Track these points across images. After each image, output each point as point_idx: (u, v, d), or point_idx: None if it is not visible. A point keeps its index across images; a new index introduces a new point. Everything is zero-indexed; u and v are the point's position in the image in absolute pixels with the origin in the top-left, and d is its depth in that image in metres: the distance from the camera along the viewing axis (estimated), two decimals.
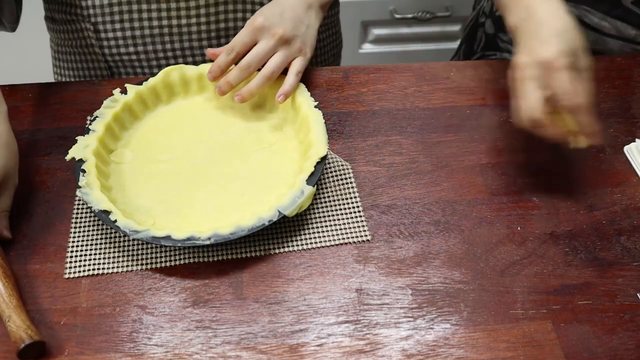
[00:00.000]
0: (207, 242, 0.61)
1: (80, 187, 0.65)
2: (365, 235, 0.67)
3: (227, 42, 0.85)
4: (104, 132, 0.71)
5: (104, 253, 0.65)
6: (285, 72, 0.75)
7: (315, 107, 0.73)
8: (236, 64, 0.75)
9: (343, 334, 0.60)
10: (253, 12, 0.83)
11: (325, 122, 0.71)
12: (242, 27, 0.83)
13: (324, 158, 0.68)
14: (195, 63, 0.80)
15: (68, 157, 0.68)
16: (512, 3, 0.69)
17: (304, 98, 0.74)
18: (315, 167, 0.67)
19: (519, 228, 0.68)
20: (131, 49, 0.86)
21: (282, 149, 0.73)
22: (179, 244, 0.62)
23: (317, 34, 0.84)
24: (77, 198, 0.69)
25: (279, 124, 0.76)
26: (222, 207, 0.68)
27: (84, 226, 0.67)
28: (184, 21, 0.82)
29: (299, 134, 0.74)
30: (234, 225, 0.63)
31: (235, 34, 0.85)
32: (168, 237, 0.62)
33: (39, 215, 0.68)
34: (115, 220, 0.62)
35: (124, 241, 0.66)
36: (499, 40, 1.03)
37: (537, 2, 0.67)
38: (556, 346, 0.59)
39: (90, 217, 0.67)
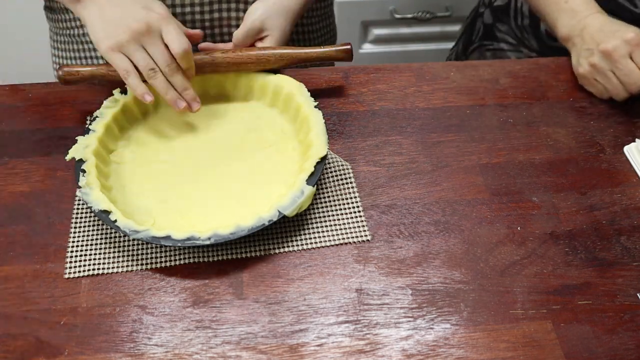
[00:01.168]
0: (207, 242, 0.61)
1: (80, 187, 0.65)
2: (365, 235, 0.67)
3: (221, 32, 0.86)
4: (104, 132, 0.71)
5: (104, 253, 0.65)
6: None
7: (315, 107, 0.73)
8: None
9: (343, 334, 0.60)
10: (246, 2, 0.83)
11: (325, 122, 0.71)
12: (236, 16, 0.85)
13: (324, 158, 0.68)
14: None
15: (68, 157, 0.68)
16: (559, 17, 0.83)
17: (304, 98, 0.74)
18: (315, 167, 0.67)
19: (519, 228, 0.68)
20: None
21: (282, 149, 0.73)
22: (179, 244, 0.61)
23: (310, 25, 0.92)
24: (77, 198, 0.69)
25: (279, 123, 0.76)
26: (222, 207, 0.68)
27: (84, 226, 0.67)
28: (178, 10, 0.82)
29: (298, 134, 0.74)
30: (234, 225, 0.63)
31: (229, 24, 0.85)
32: (168, 237, 0.62)
33: (39, 215, 0.68)
34: (115, 220, 0.62)
35: (124, 241, 0.66)
36: (496, 30, 1.03)
37: (587, 18, 0.80)
38: (556, 346, 0.59)
39: (90, 217, 0.67)
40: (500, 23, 1.03)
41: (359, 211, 0.69)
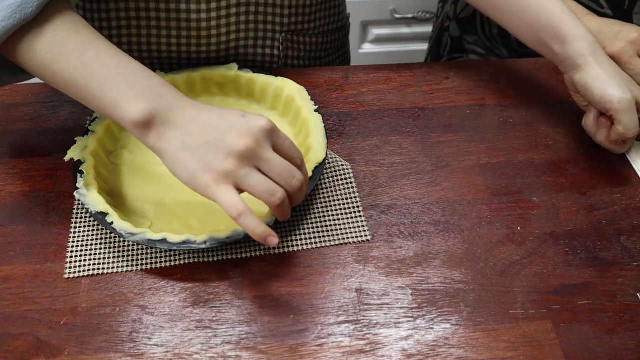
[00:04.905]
0: (203, 246, 0.61)
1: (77, 188, 0.65)
2: (365, 235, 0.67)
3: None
4: (103, 133, 0.71)
5: (104, 253, 0.65)
6: None
7: (316, 111, 0.73)
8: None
9: (343, 334, 0.60)
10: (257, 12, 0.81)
11: (325, 122, 0.71)
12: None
13: (322, 162, 0.68)
14: (180, 61, 0.80)
15: (67, 158, 0.68)
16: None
17: (304, 102, 0.74)
18: (313, 171, 0.67)
19: (519, 228, 0.68)
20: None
21: None
22: (175, 247, 0.61)
23: (327, 57, 0.89)
24: (77, 198, 0.69)
25: (280, 126, 0.76)
26: (220, 210, 0.67)
27: (84, 226, 0.67)
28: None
29: (298, 137, 0.74)
30: (231, 229, 0.63)
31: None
32: (164, 241, 0.62)
33: (39, 215, 0.68)
34: (112, 222, 0.62)
35: (124, 241, 0.66)
36: (464, 42, 1.04)
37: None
38: (556, 346, 0.59)
39: (90, 217, 0.67)
40: (468, 35, 1.03)
41: (359, 211, 0.69)
